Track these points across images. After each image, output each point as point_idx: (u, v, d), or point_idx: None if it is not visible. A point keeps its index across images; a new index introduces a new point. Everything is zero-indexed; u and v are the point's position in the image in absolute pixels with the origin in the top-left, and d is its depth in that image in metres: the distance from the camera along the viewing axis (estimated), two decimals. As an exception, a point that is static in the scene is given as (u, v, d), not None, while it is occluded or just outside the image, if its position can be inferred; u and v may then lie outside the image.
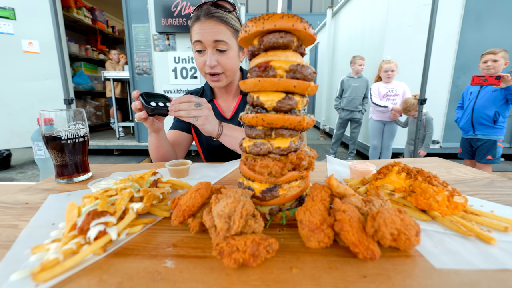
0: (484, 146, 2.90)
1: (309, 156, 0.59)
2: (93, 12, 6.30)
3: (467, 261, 0.44)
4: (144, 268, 0.44)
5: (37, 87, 4.45)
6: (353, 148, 4.83)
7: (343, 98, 4.60)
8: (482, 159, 2.92)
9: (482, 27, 4.55)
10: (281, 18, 0.50)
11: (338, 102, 4.71)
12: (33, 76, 4.40)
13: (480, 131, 2.91)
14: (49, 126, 0.86)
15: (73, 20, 5.68)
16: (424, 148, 3.47)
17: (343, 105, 4.60)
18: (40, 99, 4.48)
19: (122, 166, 1.13)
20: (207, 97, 1.36)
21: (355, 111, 4.53)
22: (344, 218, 0.45)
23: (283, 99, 0.53)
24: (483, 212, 0.60)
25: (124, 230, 0.54)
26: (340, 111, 4.70)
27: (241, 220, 0.46)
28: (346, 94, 4.54)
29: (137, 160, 5.09)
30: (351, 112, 4.56)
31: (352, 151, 4.84)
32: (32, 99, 4.42)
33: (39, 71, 4.43)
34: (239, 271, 0.43)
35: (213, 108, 1.33)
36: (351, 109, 4.54)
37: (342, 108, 4.64)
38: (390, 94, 3.80)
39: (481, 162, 2.93)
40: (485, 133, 2.89)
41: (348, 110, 4.56)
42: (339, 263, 0.44)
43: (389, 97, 3.80)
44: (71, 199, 0.75)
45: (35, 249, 0.48)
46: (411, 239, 0.45)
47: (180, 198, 0.58)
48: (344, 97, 4.58)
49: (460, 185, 0.83)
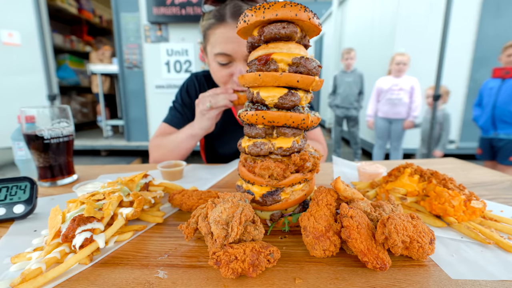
0: (508, 146, 2.85)
1: (313, 157, 0.59)
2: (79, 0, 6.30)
3: (486, 271, 0.44)
4: (134, 278, 0.44)
5: (17, 81, 4.46)
6: (356, 149, 4.81)
7: (337, 95, 4.62)
8: (505, 160, 2.88)
9: (503, 15, 4.54)
10: (283, 7, 0.51)
11: (332, 99, 4.74)
12: (13, 70, 4.41)
13: (502, 130, 2.86)
14: (30, 124, 0.86)
15: (57, 9, 5.68)
16: (440, 148, 3.47)
17: (338, 102, 4.60)
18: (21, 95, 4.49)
19: (110, 167, 1.13)
20: None
21: (351, 108, 4.52)
22: (351, 224, 0.45)
23: (285, 95, 0.53)
24: (503, 218, 0.60)
25: (112, 237, 0.54)
26: (335, 108, 4.70)
27: (240, 226, 0.47)
28: (339, 90, 4.54)
29: (126, 161, 5.09)
30: (346, 110, 4.56)
31: (357, 152, 4.82)
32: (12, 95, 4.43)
33: (20, 64, 4.44)
34: (238, 282, 0.43)
35: (227, 112, 1.29)
36: (346, 106, 4.53)
37: (336, 105, 4.65)
38: (394, 88, 3.80)
39: (504, 163, 2.89)
40: (508, 131, 2.84)
41: (343, 107, 4.56)
42: (346, 274, 0.44)
43: (392, 92, 3.81)
44: (55, 203, 0.75)
45: (16, 258, 0.48)
46: (424, 247, 0.45)
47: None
48: (338, 94, 4.59)
49: (478, 189, 0.83)
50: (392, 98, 3.81)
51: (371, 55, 5.62)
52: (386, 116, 3.94)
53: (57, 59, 6.09)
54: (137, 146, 5.15)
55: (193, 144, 1.13)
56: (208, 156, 1.42)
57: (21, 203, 0.65)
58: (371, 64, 5.55)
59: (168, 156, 1.16)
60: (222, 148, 1.33)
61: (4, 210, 0.63)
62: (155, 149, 1.20)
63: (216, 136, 1.32)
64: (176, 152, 1.15)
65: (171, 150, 1.15)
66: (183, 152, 1.15)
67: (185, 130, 1.10)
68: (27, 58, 4.46)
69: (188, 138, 1.09)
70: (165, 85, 4.90)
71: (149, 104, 5.04)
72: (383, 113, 3.95)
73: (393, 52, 4.66)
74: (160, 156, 1.18)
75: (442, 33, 2.95)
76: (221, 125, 1.30)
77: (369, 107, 4.09)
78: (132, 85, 4.97)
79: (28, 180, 0.69)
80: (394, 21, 4.71)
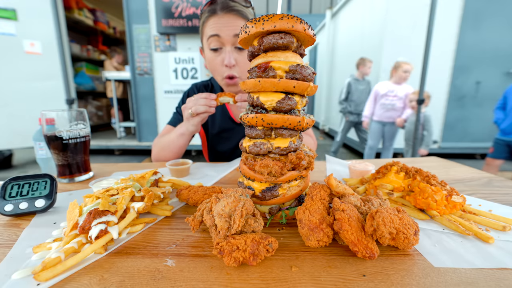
0: None
1: (308, 156, 0.59)
2: (95, 13, 6.30)
3: (466, 260, 0.44)
4: (145, 266, 0.44)
5: (38, 87, 4.45)
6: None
7: (350, 101, 4.49)
8: None
9: (481, 27, 4.55)
10: (280, 19, 0.51)
11: (345, 105, 4.57)
12: (35, 76, 4.40)
13: None
14: (50, 126, 0.86)
15: (75, 20, 5.68)
16: (424, 147, 3.45)
17: (352, 109, 4.48)
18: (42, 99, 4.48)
19: (123, 165, 1.13)
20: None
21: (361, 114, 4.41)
22: (343, 217, 0.45)
23: (282, 99, 0.53)
24: (481, 211, 0.60)
25: (125, 229, 0.54)
26: (348, 115, 4.58)
27: (241, 219, 0.47)
28: (353, 97, 4.44)
29: (138, 159, 5.09)
30: (357, 116, 4.47)
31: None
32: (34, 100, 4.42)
33: (41, 71, 4.43)
34: (239, 270, 0.43)
35: (222, 110, 1.29)
36: (358, 112, 4.45)
37: (350, 112, 4.52)
38: (389, 94, 3.78)
39: None
40: None
41: (356, 113, 4.48)
42: (338, 262, 0.44)
43: (387, 97, 3.79)
44: (72, 198, 0.75)
45: (37, 248, 0.48)
46: (409, 238, 0.45)
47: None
48: (352, 101, 4.47)
49: (459, 185, 0.83)
50: (385, 103, 3.75)
51: (361, 63, 5.60)
52: (380, 119, 3.89)
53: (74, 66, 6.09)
54: (147, 146, 5.14)
55: (183, 142, 1.10)
56: (209, 154, 1.42)
57: (42, 198, 0.65)
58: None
59: (163, 153, 1.14)
60: (220, 145, 1.33)
61: (27, 204, 0.63)
62: (154, 147, 1.20)
63: (214, 134, 1.32)
64: (168, 150, 1.12)
65: (164, 148, 1.13)
66: (175, 150, 1.12)
67: (176, 129, 1.10)
68: (47, 66, 4.46)
69: (178, 136, 1.08)
70: (173, 90, 4.90)
71: (158, 108, 5.03)
72: (378, 117, 3.90)
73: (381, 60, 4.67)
74: (157, 153, 1.17)
75: (426, 43, 2.95)
76: (218, 124, 1.30)
77: (366, 108, 4.00)
78: (143, 90, 4.97)
79: (48, 177, 0.69)
80: (382, 32, 4.70)
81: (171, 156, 1.14)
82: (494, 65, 4.62)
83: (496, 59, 4.60)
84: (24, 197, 0.65)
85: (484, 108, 4.70)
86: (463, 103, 4.83)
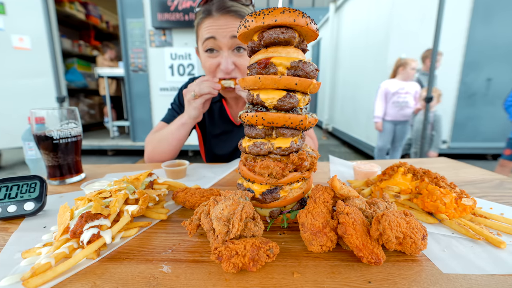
0: None
1: (311, 157, 0.59)
2: (86, 6, 6.30)
3: (476, 265, 0.44)
4: (139, 273, 0.44)
5: (28, 84, 4.46)
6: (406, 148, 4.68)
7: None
8: None
9: (492, 22, 4.54)
10: (282, 13, 0.50)
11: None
12: (24, 73, 4.41)
13: None
14: (40, 125, 0.86)
15: (66, 14, 5.69)
16: (434, 149, 3.44)
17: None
18: (31, 97, 4.49)
19: (116, 166, 1.13)
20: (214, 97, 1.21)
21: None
22: (347, 221, 0.45)
23: (284, 97, 0.53)
24: (492, 214, 0.60)
25: (118, 233, 0.54)
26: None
27: (241, 223, 0.47)
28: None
29: (132, 160, 5.09)
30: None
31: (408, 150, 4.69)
32: (23, 97, 4.42)
33: (30, 68, 4.44)
34: (239, 276, 0.43)
35: (221, 110, 1.27)
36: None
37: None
38: (401, 92, 3.78)
39: None
40: None
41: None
42: (342, 268, 0.44)
43: (399, 95, 3.79)
44: (63, 201, 0.75)
45: (26, 253, 0.48)
46: (417, 243, 0.45)
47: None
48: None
49: (469, 187, 0.83)
50: (399, 101, 3.74)
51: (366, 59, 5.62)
52: (394, 119, 3.87)
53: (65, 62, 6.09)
54: (142, 146, 5.14)
55: (183, 133, 1.09)
56: (207, 157, 1.42)
57: (31, 201, 0.65)
58: (365, 68, 5.55)
59: (158, 148, 1.12)
60: (218, 148, 1.32)
61: (15, 207, 0.63)
62: (147, 145, 1.18)
63: (212, 135, 1.32)
64: (166, 143, 1.11)
65: (161, 141, 1.11)
66: (174, 143, 1.11)
67: (176, 120, 1.10)
68: (37, 62, 4.46)
69: (178, 127, 1.08)
70: (169, 87, 4.90)
71: (153, 106, 5.04)
72: (391, 116, 3.87)
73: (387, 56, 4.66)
74: (151, 150, 1.15)
75: (434, 38, 2.95)
76: (217, 125, 1.29)
77: (376, 108, 3.92)
78: (138, 87, 4.97)
79: (38, 179, 0.69)
80: (388, 27, 4.70)
81: (168, 151, 1.13)
82: (506, 61, 4.62)
83: (508, 55, 4.60)
84: (13, 199, 0.64)
85: (495, 106, 4.69)
86: (474, 101, 4.83)
